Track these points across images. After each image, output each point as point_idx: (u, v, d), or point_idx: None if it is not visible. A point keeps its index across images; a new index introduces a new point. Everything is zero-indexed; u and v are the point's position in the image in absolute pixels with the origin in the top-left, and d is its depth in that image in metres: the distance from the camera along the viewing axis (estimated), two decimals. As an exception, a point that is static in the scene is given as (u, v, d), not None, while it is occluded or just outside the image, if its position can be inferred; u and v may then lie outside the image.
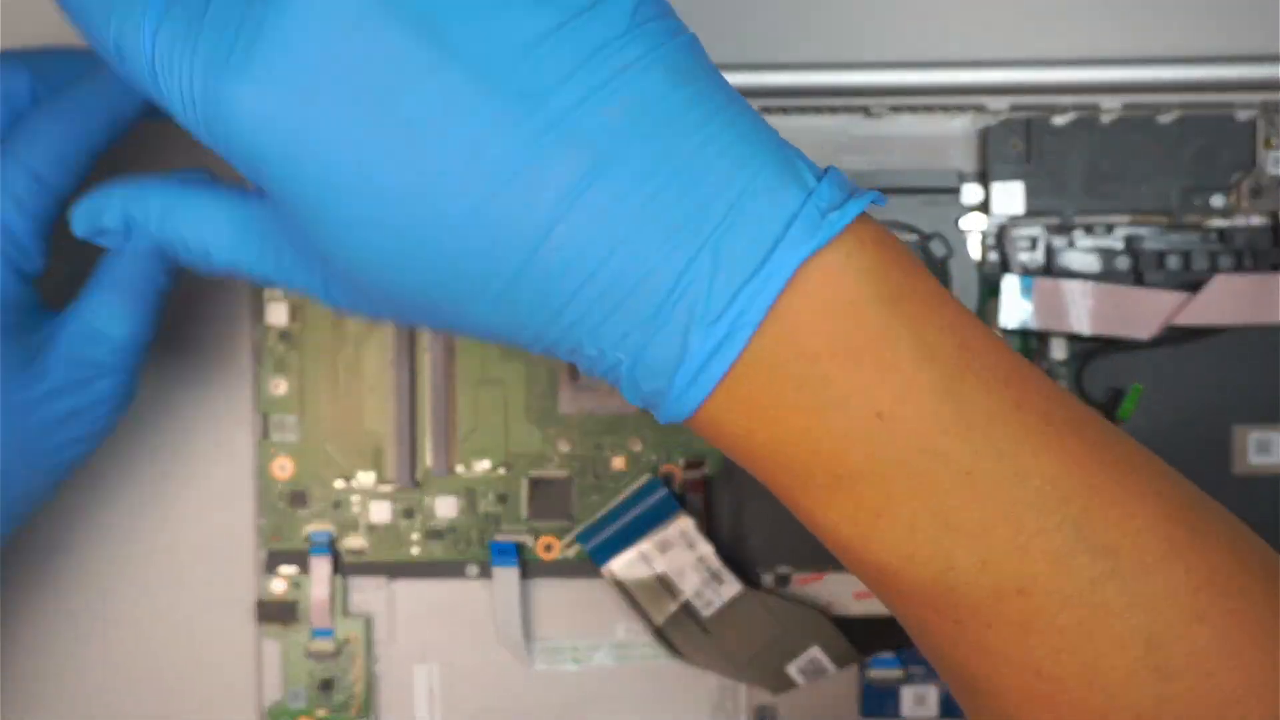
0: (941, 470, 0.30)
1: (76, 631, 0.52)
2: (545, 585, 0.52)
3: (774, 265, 0.29)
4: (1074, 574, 0.31)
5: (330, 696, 0.52)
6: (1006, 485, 0.31)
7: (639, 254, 0.30)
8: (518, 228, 0.30)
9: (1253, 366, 0.50)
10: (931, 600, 0.32)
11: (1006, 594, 0.31)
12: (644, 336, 0.30)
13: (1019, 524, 0.31)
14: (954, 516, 0.31)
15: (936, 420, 0.30)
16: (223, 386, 0.52)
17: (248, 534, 0.52)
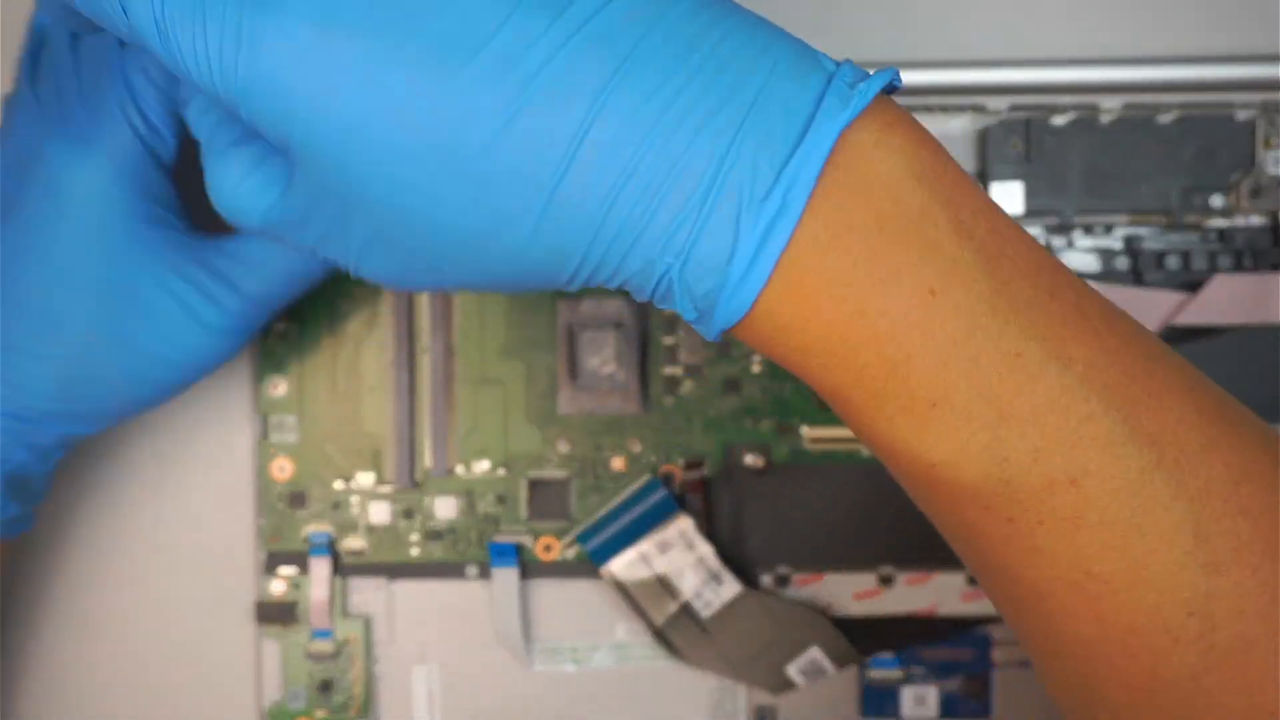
0: (993, 351, 0.30)
1: (76, 632, 0.52)
2: (545, 586, 0.52)
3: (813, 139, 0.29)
4: (1123, 463, 0.31)
5: (330, 697, 0.52)
6: (1054, 370, 0.30)
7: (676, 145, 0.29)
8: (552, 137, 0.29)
9: (1253, 366, 0.50)
10: (984, 498, 0.31)
11: (1059, 485, 0.31)
12: (693, 230, 0.30)
13: (1068, 410, 0.30)
14: (1007, 402, 0.30)
15: (982, 300, 0.30)
16: (222, 387, 0.52)
17: (247, 535, 0.52)
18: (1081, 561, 0.31)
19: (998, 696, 0.53)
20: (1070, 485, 0.31)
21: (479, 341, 0.52)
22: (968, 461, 0.31)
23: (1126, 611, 0.32)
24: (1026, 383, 0.30)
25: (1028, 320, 0.31)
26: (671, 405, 0.52)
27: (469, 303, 0.52)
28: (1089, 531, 0.31)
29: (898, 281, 0.30)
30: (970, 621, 0.52)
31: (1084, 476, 0.31)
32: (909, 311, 0.30)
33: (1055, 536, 0.31)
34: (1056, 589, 0.32)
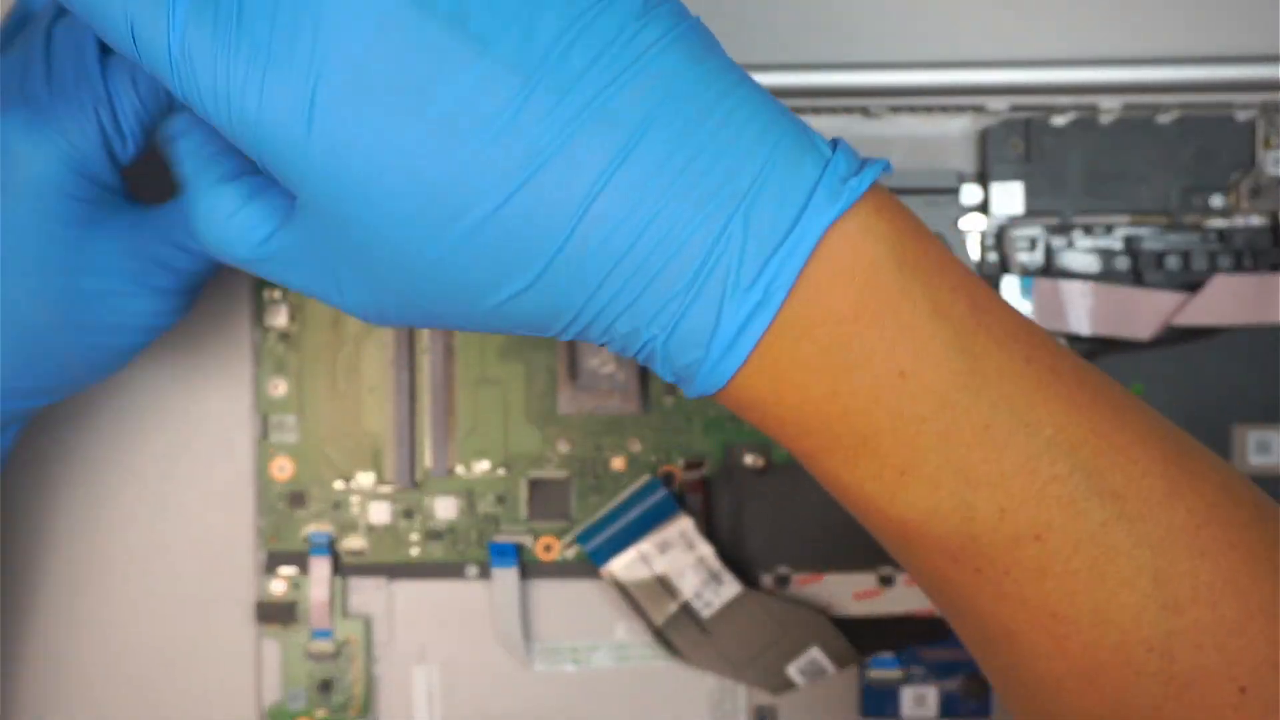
0: (961, 424, 0.32)
1: (76, 632, 0.52)
2: (545, 586, 0.52)
3: (801, 231, 0.31)
4: (1085, 518, 0.32)
5: (329, 697, 0.52)
6: (1021, 437, 0.32)
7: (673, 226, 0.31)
8: (556, 208, 0.31)
9: (1252, 366, 0.50)
10: (953, 552, 0.33)
11: (1024, 540, 0.33)
12: (679, 308, 0.31)
13: (1033, 473, 0.32)
14: (974, 470, 0.32)
15: (954, 376, 0.32)
16: (222, 387, 0.52)
17: (247, 535, 0.52)
18: (1047, 605, 0.33)
19: (998, 696, 0.53)
20: (1035, 540, 0.33)
21: (479, 342, 0.52)
22: (937, 520, 0.33)
23: (1091, 650, 0.33)
24: (994, 452, 0.32)
25: (999, 392, 0.32)
26: (671, 405, 0.52)
27: (469, 303, 0.52)
28: (1053, 580, 0.33)
29: (868, 365, 0.32)
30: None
31: (1048, 531, 0.33)
32: (879, 392, 0.32)
33: (1021, 584, 0.33)
34: (1024, 630, 0.34)
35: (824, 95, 0.49)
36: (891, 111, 0.51)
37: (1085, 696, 0.34)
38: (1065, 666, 0.34)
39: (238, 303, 0.52)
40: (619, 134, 0.30)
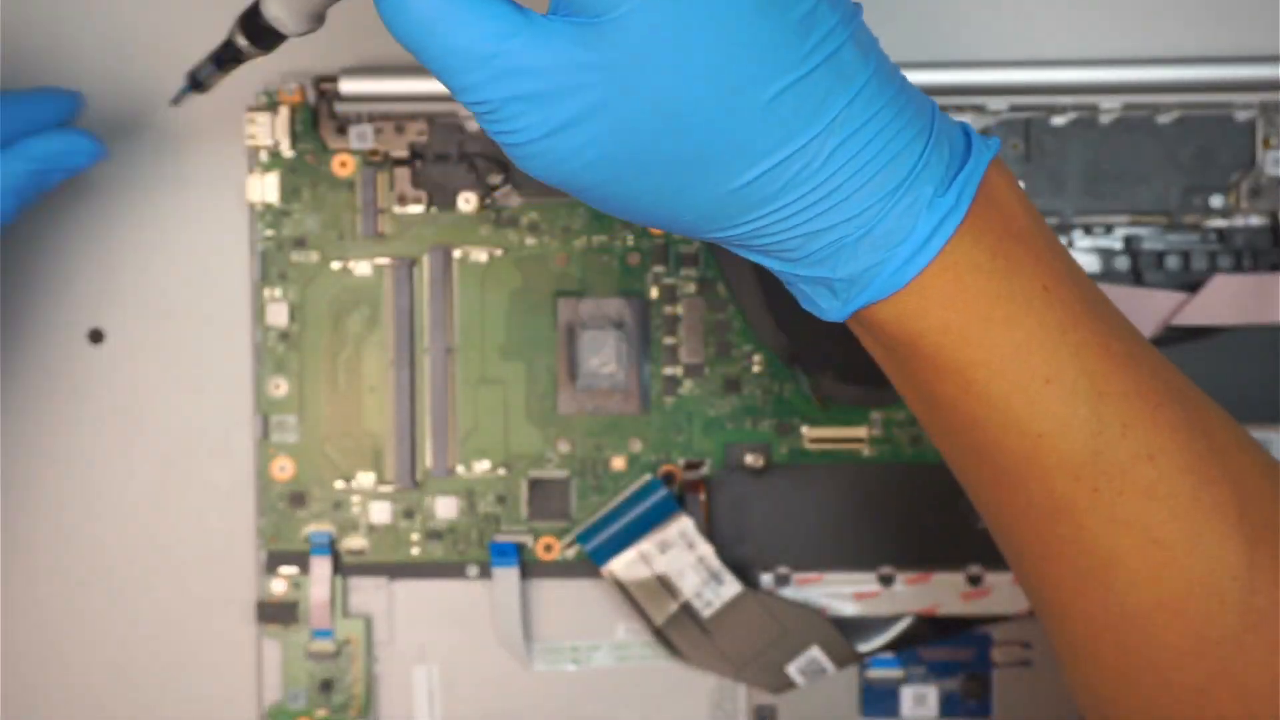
0: (1091, 340, 0.36)
1: (77, 631, 0.52)
2: (545, 585, 0.52)
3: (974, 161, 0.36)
4: (1187, 446, 0.37)
5: (330, 697, 0.52)
6: (1131, 362, 0.37)
7: (892, 147, 0.35)
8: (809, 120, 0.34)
9: (1252, 366, 0.50)
10: (1077, 469, 0.36)
11: (1139, 460, 0.36)
12: (882, 210, 0.35)
13: (1145, 396, 0.36)
14: (1104, 382, 0.36)
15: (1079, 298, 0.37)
16: (222, 387, 0.52)
17: (248, 535, 0.52)
18: (1150, 529, 0.36)
19: (997, 696, 0.53)
20: (1149, 460, 0.36)
21: (479, 342, 0.52)
22: (1071, 432, 0.36)
23: (1183, 577, 0.37)
24: (1116, 370, 0.36)
25: (1106, 320, 0.37)
26: (671, 405, 0.52)
27: (470, 303, 0.52)
28: (1159, 503, 0.36)
29: (1023, 275, 0.36)
30: (970, 621, 0.52)
31: (1160, 453, 0.36)
32: (1031, 300, 0.36)
33: (1132, 506, 0.36)
34: (1127, 556, 0.37)
35: (824, 95, 0.49)
36: (891, 111, 0.51)
37: (1170, 628, 0.37)
38: (1156, 597, 0.37)
39: (238, 303, 0.52)
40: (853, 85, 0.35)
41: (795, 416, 0.52)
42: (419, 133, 0.51)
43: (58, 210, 0.52)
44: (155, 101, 0.51)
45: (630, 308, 0.52)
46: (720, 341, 0.52)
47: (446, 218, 0.52)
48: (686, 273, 0.52)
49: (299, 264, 0.52)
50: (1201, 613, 0.37)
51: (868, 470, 0.52)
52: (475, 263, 0.52)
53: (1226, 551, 0.37)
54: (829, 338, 0.51)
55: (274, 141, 0.51)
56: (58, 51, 0.52)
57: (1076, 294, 0.37)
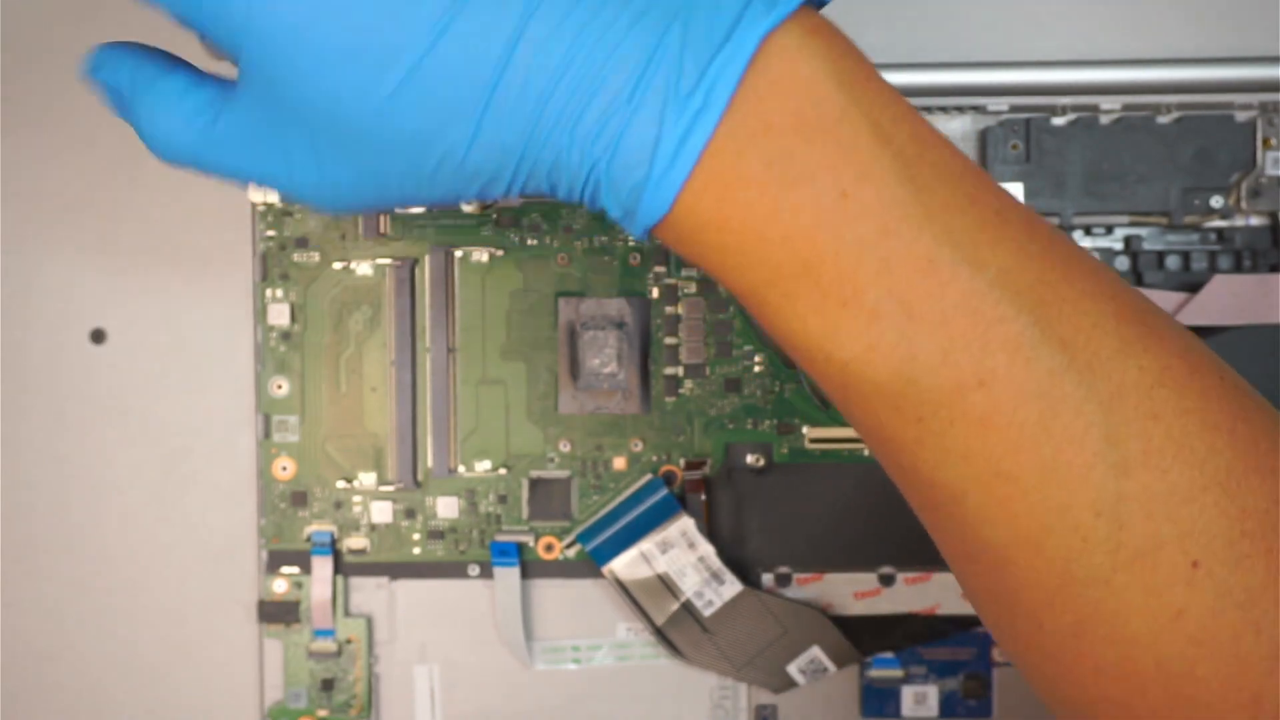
0: (903, 254, 0.31)
1: (78, 631, 0.52)
2: (545, 585, 0.52)
3: (739, 39, 0.31)
4: (1032, 366, 0.31)
5: (331, 696, 0.52)
6: (965, 272, 0.31)
7: (607, 42, 0.31)
8: (490, 36, 0.31)
9: (1253, 366, 0.50)
10: (894, 399, 0.32)
11: (967, 387, 0.31)
12: (620, 123, 0.31)
13: (977, 313, 0.31)
14: (916, 304, 0.31)
15: (896, 203, 0.31)
16: (224, 387, 0.52)
17: (249, 534, 0.52)
18: (992, 462, 0.32)
19: (998, 696, 0.53)
20: (979, 387, 0.31)
21: (480, 341, 0.52)
22: (878, 360, 0.32)
23: (1038, 512, 0.32)
24: (937, 287, 0.31)
25: (943, 225, 0.31)
26: (672, 405, 0.52)
27: (471, 303, 0.52)
28: (998, 433, 0.32)
29: (811, 182, 0.31)
30: (970, 621, 0.52)
31: (992, 379, 0.31)
32: (821, 212, 0.31)
33: (966, 437, 0.32)
34: (970, 490, 0.32)
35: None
36: (892, 112, 0.51)
37: (1033, 567, 0.33)
38: (1011, 533, 0.33)
39: (240, 303, 0.52)
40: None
41: (796, 416, 0.52)
42: (420, 134, 0.51)
43: (59, 210, 0.52)
44: None
45: (631, 308, 0.52)
46: (721, 341, 0.52)
47: (447, 218, 0.52)
48: (687, 273, 0.52)
49: (301, 264, 0.52)
50: (1062, 550, 0.32)
51: (868, 470, 0.52)
52: (476, 263, 0.52)
53: (1087, 485, 0.32)
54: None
55: (275, 142, 0.51)
56: (60, 50, 0.52)
57: (897, 195, 0.31)
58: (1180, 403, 0.32)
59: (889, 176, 0.31)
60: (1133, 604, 0.32)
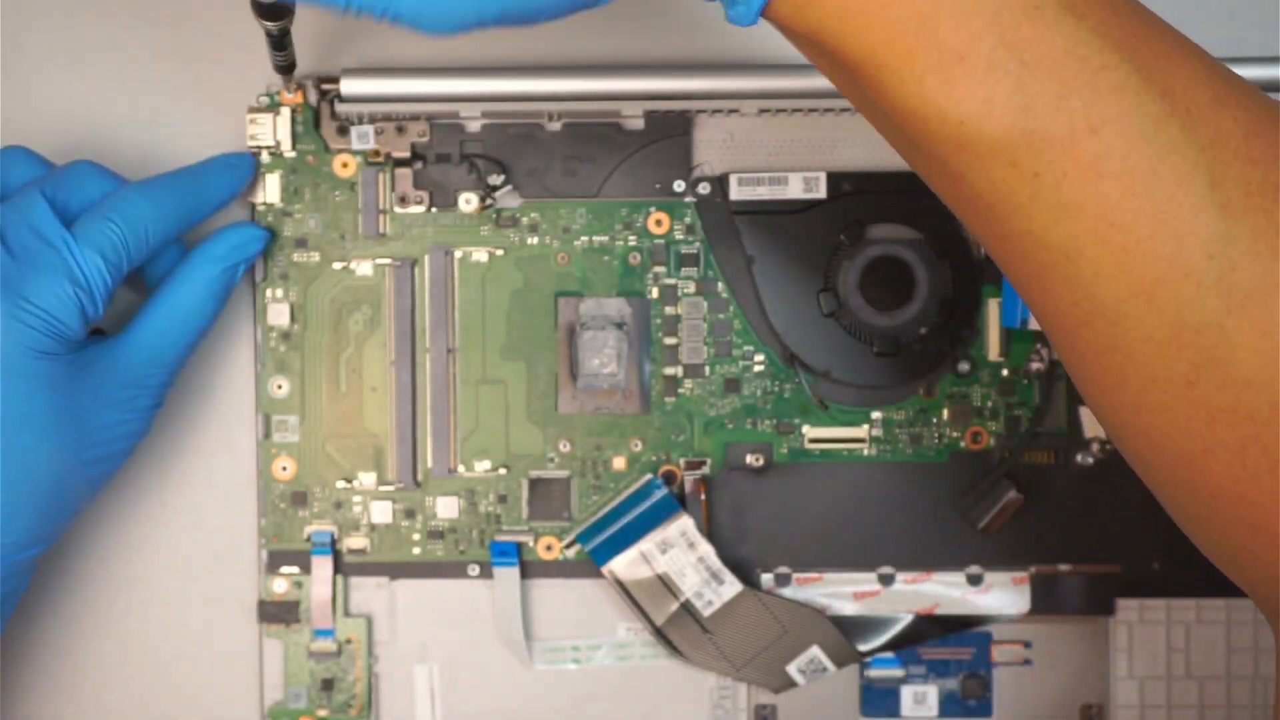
0: (1013, 3, 0.33)
1: (79, 631, 0.52)
2: (546, 585, 0.52)
3: None
4: (1139, 112, 0.33)
5: (331, 696, 0.52)
6: (1070, 23, 0.33)
7: None
8: None
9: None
10: (1011, 152, 0.33)
11: (1080, 133, 0.33)
12: None
13: (1085, 60, 0.33)
14: (1028, 52, 0.33)
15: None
16: (224, 387, 0.52)
17: (249, 534, 0.52)
18: (1106, 212, 0.33)
19: (997, 696, 0.53)
20: (1091, 133, 0.33)
21: (480, 342, 0.52)
22: (996, 112, 0.33)
23: (1151, 260, 0.33)
24: (1045, 32, 0.33)
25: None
26: (672, 405, 0.52)
27: (470, 303, 0.52)
28: (1111, 180, 0.33)
29: None
30: (970, 621, 0.52)
31: (1104, 124, 0.33)
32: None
33: (1080, 187, 0.33)
34: (1085, 245, 0.34)
35: (825, 96, 0.49)
36: (891, 112, 0.51)
37: (1146, 319, 0.34)
38: (1125, 285, 0.34)
39: (240, 303, 0.52)
40: None
41: (795, 416, 0.52)
42: (420, 133, 0.51)
43: (60, 210, 0.52)
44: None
45: (630, 308, 0.52)
46: (720, 341, 0.52)
47: (447, 218, 0.52)
48: (686, 273, 0.52)
49: (300, 264, 0.52)
50: (1176, 298, 0.33)
51: (868, 470, 0.52)
52: (476, 263, 0.52)
53: (1197, 227, 0.33)
54: (827, 339, 0.52)
55: (275, 142, 0.51)
56: (59, 56, 0.52)
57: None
58: (1274, 150, 0.34)
59: None
60: (1246, 346, 0.33)
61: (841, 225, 0.51)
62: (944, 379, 0.52)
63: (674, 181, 0.52)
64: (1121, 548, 0.52)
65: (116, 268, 0.45)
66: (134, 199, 0.46)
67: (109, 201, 0.46)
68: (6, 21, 0.52)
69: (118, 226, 0.46)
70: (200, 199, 0.49)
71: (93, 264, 0.45)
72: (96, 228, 0.45)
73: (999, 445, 0.52)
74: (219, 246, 0.49)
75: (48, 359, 0.44)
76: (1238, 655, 0.52)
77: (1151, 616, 0.52)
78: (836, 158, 0.52)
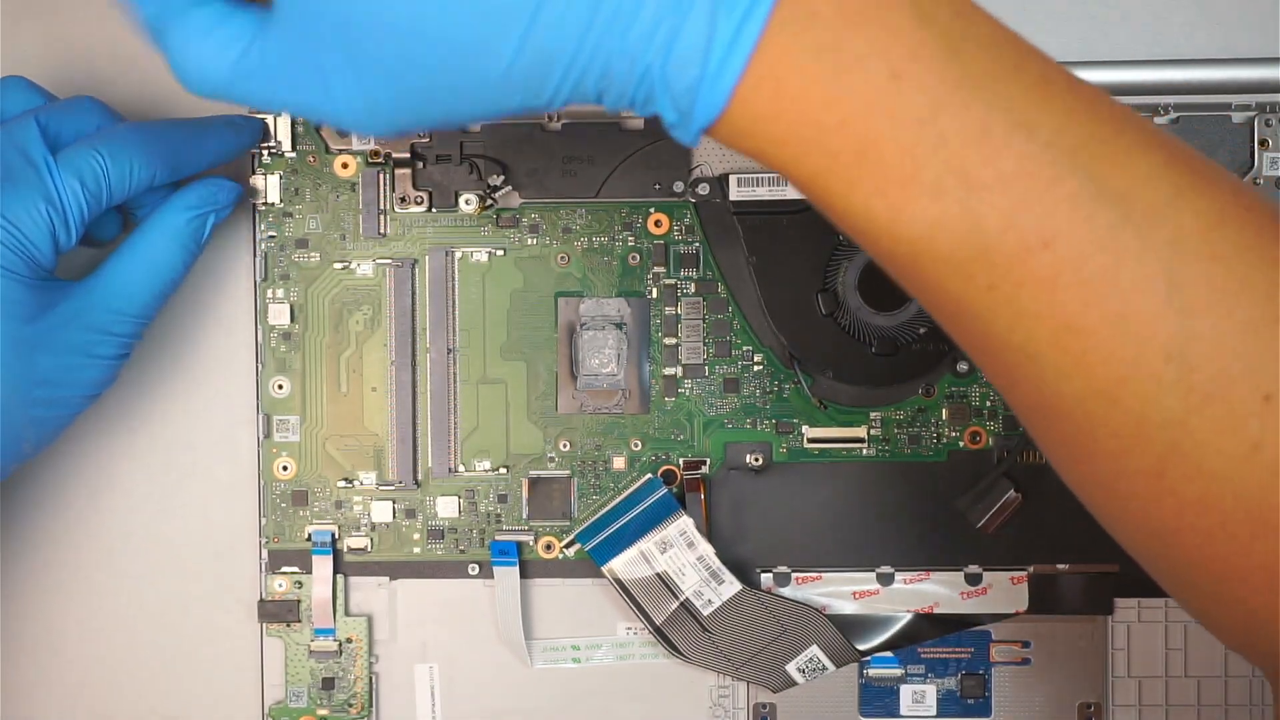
0: (957, 126, 0.32)
1: (79, 630, 0.52)
2: (546, 584, 0.53)
3: None
4: (1093, 222, 0.32)
5: (331, 695, 0.52)
6: (1020, 137, 0.32)
7: None
8: None
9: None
10: (963, 269, 0.33)
11: (1033, 249, 0.32)
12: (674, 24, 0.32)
13: (1035, 175, 0.32)
14: (975, 173, 0.32)
15: (945, 78, 0.32)
16: (225, 387, 0.52)
17: (250, 534, 0.52)
18: (1063, 320, 0.33)
19: (996, 695, 0.53)
20: (1044, 247, 0.32)
21: (480, 342, 0.52)
22: (944, 234, 0.33)
23: (1111, 363, 0.33)
24: (993, 152, 0.32)
25: (992, 94, 0.32)
26: (671, 405, 0.52)
27: (471, 303, 0.52)
28: (1066, 290, 0.33)
29: (862, 67, 0.32)
30: (969, 620, 0.52)
31: (1056, 238, 0.32)
32: (874, 94, 0.32)
33: (1035, 298, 0.33)
34: (1043, 349, 0.34)
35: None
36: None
37: (1109, 416, 0.34)
38: (1086, 385, 0.34)
39: (240, 303, 0.52)
40: None
41: (795, 416, 0.52)
42: (420, 134, 0.51)
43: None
44: (157, 102, 0.52)
45: (630, 308, 0.52)
46: (720, 341, 0.52)
47: (447, 218, 0.52)
48: (686, 273, 0.52)
49: (301, 264, 0.52)
50: (1139, 397, 0.33)
51: (867, 470, 0.52)
52: (476, 263, 0.52)
53: (1156, 331, 0.33)
54: (826, 339, 0.52)
55: (276, 142, 0.51)
56: (60, 55, 0.52)
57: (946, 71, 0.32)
58: (1239, 241, 0.33)
59: (936, 53, 0.32)
60: (1209, 442, 0.33)
61: (841, 225, 0.51)
62: (942, 379, 0.52)
63: (673, 182, 0.52)
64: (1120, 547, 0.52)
65: (95, 197, 0.45)
66: (126, 135, 0.46)
67: (100, 134, 0.46)
68: (6, 13, 0.52)
69: (102, 158, 0.45)
70: (196, 152, 0.48)
71: (70, 189, 0.44)
72: (81, 155, 0.45)
73: (997, 445, 0.52)
74: (188, 196, 0.48)
75: (10, 278, 0.44)
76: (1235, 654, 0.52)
77: (1150, 616, 0.52)
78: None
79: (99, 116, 0.47)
